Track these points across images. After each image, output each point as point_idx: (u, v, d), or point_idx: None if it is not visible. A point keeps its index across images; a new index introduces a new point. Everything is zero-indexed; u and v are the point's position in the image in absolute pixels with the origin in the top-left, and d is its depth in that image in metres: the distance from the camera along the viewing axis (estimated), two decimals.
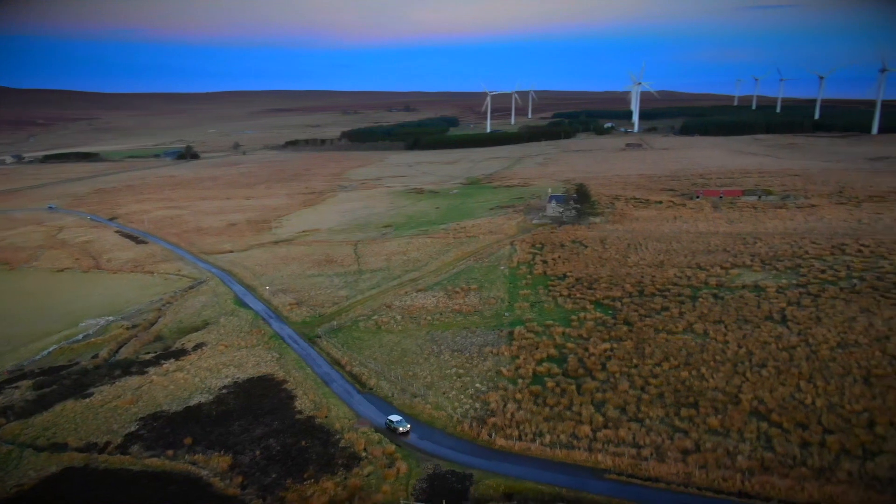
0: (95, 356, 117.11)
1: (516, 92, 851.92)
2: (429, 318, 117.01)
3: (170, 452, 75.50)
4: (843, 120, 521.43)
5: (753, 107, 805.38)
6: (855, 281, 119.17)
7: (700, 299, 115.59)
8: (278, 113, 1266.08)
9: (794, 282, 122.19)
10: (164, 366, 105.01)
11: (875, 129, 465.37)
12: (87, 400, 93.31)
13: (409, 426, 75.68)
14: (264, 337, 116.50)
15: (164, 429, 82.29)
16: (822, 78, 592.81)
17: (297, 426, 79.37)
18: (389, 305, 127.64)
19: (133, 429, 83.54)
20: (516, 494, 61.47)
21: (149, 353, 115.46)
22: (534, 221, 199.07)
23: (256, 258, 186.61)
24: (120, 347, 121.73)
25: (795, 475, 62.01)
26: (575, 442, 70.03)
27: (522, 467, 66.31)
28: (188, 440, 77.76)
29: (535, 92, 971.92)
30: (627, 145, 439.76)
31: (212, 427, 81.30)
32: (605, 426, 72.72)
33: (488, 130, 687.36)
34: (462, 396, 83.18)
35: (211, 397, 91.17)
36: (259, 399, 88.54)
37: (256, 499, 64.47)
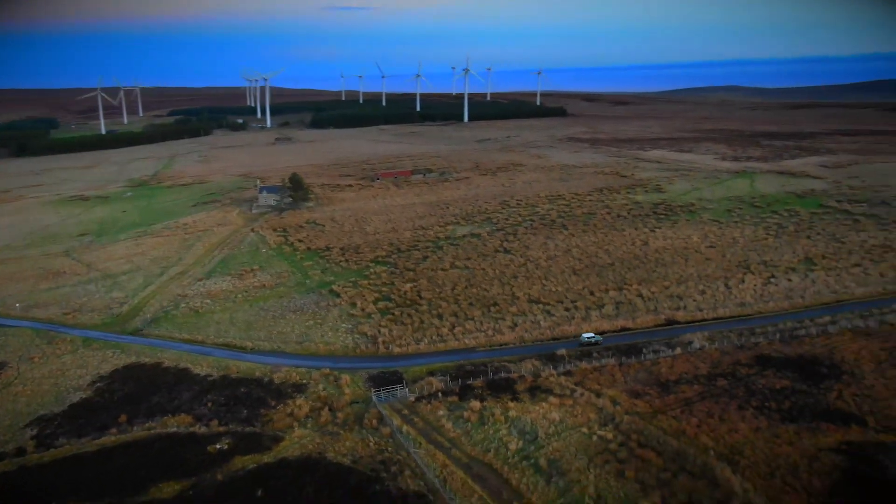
0: None
1: (124, 89, 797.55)
2: (240, 296, 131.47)
3: (113, 431, 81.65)
4: (441, 111, 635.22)
5: (360, 101, 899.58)
6: (530, 222, 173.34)
7: (443, 248, 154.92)
8: None
9: (495, 228, 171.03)
10: None
11: (466, 118, 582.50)
12: None
13: (601, 337, 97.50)
14: (75, 343, 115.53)
15: (76, 420, 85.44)
16: (417, 76, 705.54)
17: (220, 384, 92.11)
18: (184, 295, 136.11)
19: (33, 432, 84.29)
20: (435, 371, 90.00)
21: None
22: (254, 211, 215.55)
23: None
24: None
25: (574, 324, 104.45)
26: (444, 338, 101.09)
27: (424, 359, 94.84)
28: (123, 418, 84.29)
29: (142, 88, 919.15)
30: (277, 139, 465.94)
31: (132, 405, 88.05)
32: (454, 326, 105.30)
33: (104, 131, 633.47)
34: (339, 333, 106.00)
35: (90, 392, 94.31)
36: (151, 379, 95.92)
37: (247, 427, 79.44)
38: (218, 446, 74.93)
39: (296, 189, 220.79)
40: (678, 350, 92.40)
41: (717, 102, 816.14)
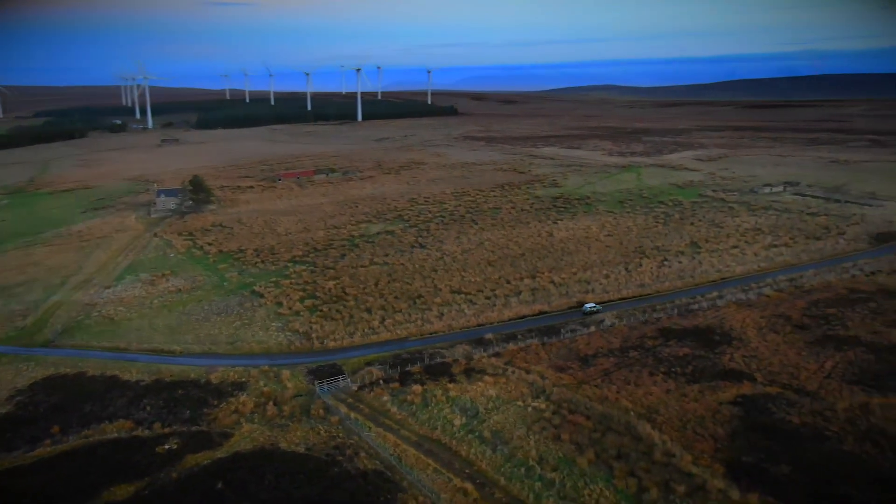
0: None
1: None
2: (156, 301, 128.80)
3: (48, 442, 79.45)
4: (334, 110, 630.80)
5: (247, 100, 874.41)
6: (441, 218, 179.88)
7: (360, 246, 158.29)
8: None
9: (407, 225, 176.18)
10: None
11: (359, 117, 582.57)
12: None
13: (600, 307, 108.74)
14: None
15: (2, 436, 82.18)
16: (308, 74, 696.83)
17: (154, 388, 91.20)
18: (94, 304, 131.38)
19: None
20: (373, 361, 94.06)
21: None
22: (153, 216, 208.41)
23: None
24: None
25: (496, 309, 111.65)
26: (376, 330, 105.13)
27: (360, 351, 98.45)
28: (56, 429, 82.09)
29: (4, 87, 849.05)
30: (163, 141, 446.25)
31: (63, 416, 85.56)
32: (384, 318, 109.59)
33: None
34: (271, 332, 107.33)
35: (11, 407, 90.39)
36: (77, 389, 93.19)
37: (193, 427, 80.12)
38: (167, 446, 75.40)
39: (197, 192, 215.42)
40: (592, 328, 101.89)
41: (596, 101, 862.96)
